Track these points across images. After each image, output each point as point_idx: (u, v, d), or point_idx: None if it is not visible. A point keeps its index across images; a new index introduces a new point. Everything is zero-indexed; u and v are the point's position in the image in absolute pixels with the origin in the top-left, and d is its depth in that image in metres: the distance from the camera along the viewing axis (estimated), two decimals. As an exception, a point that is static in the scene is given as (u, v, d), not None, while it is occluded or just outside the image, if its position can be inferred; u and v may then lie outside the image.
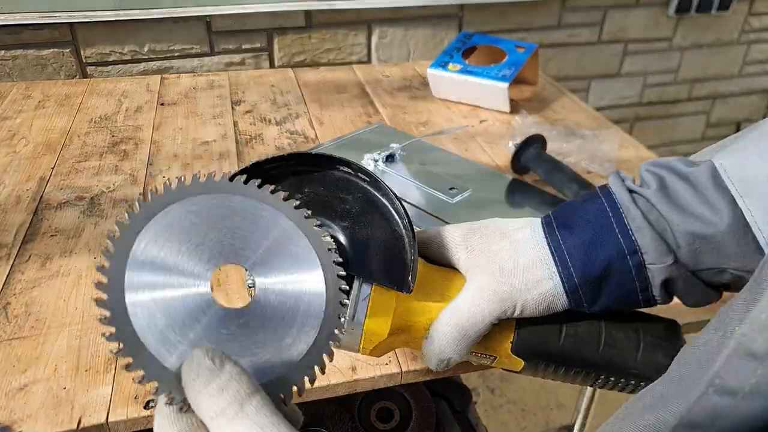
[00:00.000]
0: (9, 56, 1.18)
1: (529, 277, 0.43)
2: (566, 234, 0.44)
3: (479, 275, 0.44)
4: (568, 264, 0.43)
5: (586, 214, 0.44)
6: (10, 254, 0.70)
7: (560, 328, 0.45)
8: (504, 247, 0.45)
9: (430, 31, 1.43)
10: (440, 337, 0.43)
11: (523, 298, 0.43)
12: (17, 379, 0.54)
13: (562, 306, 0.44)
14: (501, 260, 0.44)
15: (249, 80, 1.23)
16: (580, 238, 0.43)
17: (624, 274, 0.43)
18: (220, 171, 0.89)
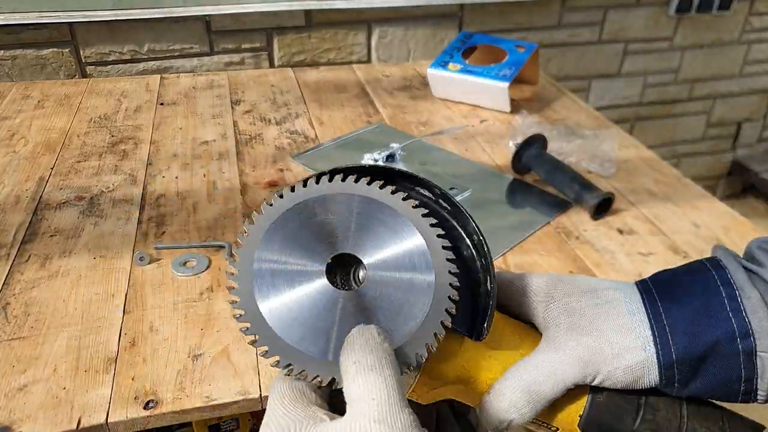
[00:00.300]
0: (8, 56, 1.18)
1: (620, 343, 0.38)
2: (668, 304, 0.39)
3: (560, 334, 0.39)
4: (668, 336, 0.38)
5: (694, 286, 0.39)
6: (10, 254, 0.70)
7: (638, 409, 0.40)
8: (592, 305, 0.40)
9: (430, 30, 1.43)
10: (506, 396, 0.38)
11: (609, 366, 0.38)
12: (17, 379, 0.54)
13: (650, 382, 0.39)
14: (588, 320, 0.39)
15: (249, 80, 1.23)
16: (686, 311, 0.38)
17: (730, 359, 0.37)
18: (219, 170, 0.89)
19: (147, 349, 0.58)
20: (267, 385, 0.54)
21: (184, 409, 0.52)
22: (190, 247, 0.72)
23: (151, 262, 0.69)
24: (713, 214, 0.85)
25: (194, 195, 0.83)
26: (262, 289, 0.34)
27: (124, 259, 0.70)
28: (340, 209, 0.36)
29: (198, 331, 0.60)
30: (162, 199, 0.82)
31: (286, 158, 0.94)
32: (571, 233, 0.80)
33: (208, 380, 0.55)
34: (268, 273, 0.34)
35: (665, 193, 0.90)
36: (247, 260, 0.34)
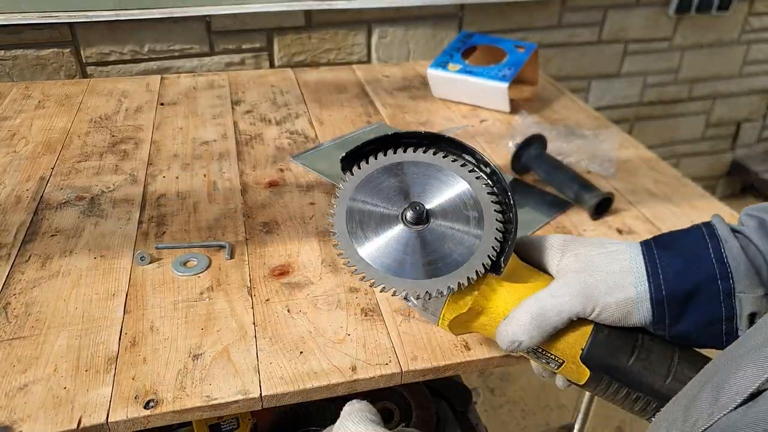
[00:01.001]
0: (9, 56, 1.18)
1: (615, 280, 0.45)
2: (662, 251, 0.46)
3: (568, 274, 0.46)
4: (659, 275, 0.44)
5: (685, 238, 0.46)
6: (10, 254, 0.70)
7: (633, 347, 0.45)
8: (598, 253, 0.47)
9: (430, 31, 1.43)
10: (517, 319, 0.45)
11: (605, 300, 0.44)
12: (17, 379, 0.54)
13: (642, 318, 0.45)
14: (592, 262, 0.46)
15: (249, 80, 1.23)
16: (675, 256, 0.45)
17: (712, 298, 0.43)
18: (219, 170, 0.89)
19: (147, 349, 0.58)
20: (267, 385, 0.54)
21: (185, 409, 0.52)
22: (191, 247, 0.72)
23: (151, 262, 0.69)
24: (712, 213, 0.85)
25: (195, 195, 0.83)
26: (356, 231, 0.47)
27: (125, 259, 0.70)
28: (410, 171, 0.48)
29: (198, 330, 0.60)
30: (162, 199, 0.82)
31: (286, 158, 0.94)
32: (571, 233, 0.80)
33: (209, 380, 0.55)
34: (358, 211, 0.48)
35: (665, 193, 0.90)
36: (343, 203, 0.48)
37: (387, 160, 0.49)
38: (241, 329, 0.60)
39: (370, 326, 0.61)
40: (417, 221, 0.46)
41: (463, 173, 0.48)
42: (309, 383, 0.55)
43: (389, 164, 0.48)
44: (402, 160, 0.48)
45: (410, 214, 0.46)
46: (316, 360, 0.57)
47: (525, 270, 0.49)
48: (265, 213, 0.80)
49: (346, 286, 0.67)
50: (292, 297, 0.65)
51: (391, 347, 0.59)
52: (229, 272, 0.68)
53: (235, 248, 0.72)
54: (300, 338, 0.60)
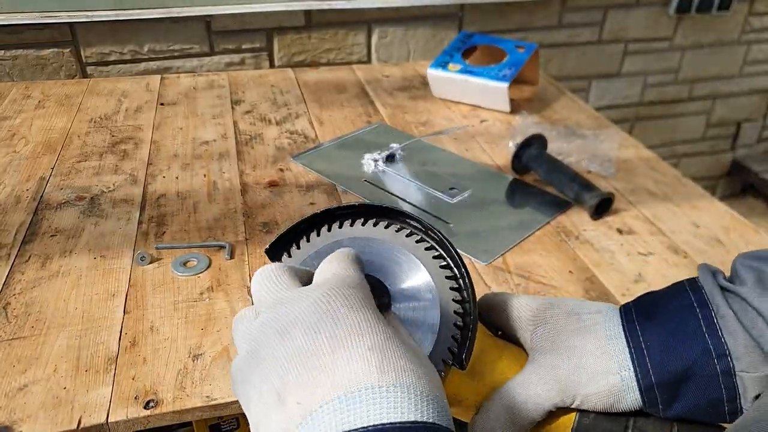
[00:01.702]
0: (9, 56, 1.18)
1: (594, 367, 0.39)
2: (645, 324, 0.39)
3: (542, 357, 0.40)
4: (645, 358, 0.38)
5: (670, 305, 0.40)
6: (10, 254, 0.70)
7: (625, 427, 0.40)
8: (573, 329, 0.40)
9: (430, 31, 1.43)
10: (492, 413, 0.39)
11: (585, 390, 0.39)
12: (17, 379, 0.54)
13: (631, 405, 0.39)
14: (567, 344, 0.40)
15: (249, 80, 1.23)
16: (661, 331, 0.39)
17: (708, 379, 0.37)
18: (219, 170, 0.89)
19: (147, 349, 0.58)
20: (267, 385, 0.54)
21: (185, 409, 0.52)
22: (191, 247, 0.72)
23: (151, 262, 0.69)
24: (713, 214, 0.86)
25: (195, 195, 0.83)
26: None
27: (125, 259, 0.70)
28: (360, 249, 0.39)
29: (198, 330, 0.60)
30: (162, 199, 0.82)
31: (287, 158, 0.94)
32: (571, 233, 0.80)
33: (209, 380, 0.55)
34: None
35: (665, 193, 0.90)
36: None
37: (321, 240, 0.40)
38: (241, 329, 0.60)
39: (370, 326, 0.61)
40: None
41: (410, 246, 0.39)
42: (309, 383, 0.55)
43: (324, 246, 0.40)
44: (339, 238, 0.40)
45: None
46: (316, 360, 0.57)
47: (493, 346, 0.42)
48: (265, 213, 0.80)
49: (346, 286, 0.67)
50: (292, 297, 0.65)
51: (391, 347, 0.59)
52: (229, 272, 0.68)
53: (235, 248, 0.72)
54: (300, 338, 0.60)
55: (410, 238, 0.39)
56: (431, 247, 0.40)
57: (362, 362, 0.27)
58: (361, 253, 0.37)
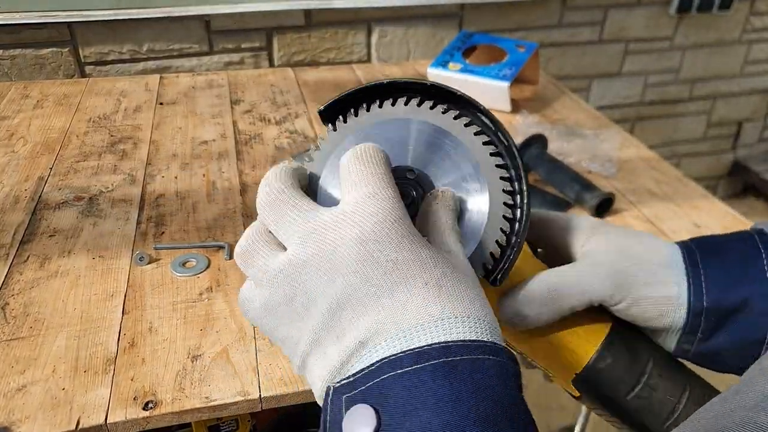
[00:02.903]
0: (7, 56, 1.18)
1: (656, 272, 0.38)
2: (706, 256, 0.39)
3: (599, 252, 0.39)
4: (702, 282, 0.38)
5: (734, 244, 0.40)
6: (9, 254, 0.70)
7: (637, 381, 0.39)
8: (635, 241, 0.40)
9: (430, 30, 1.43)
10: (529, 290, 0.37)
11: (641, 292, 0.38)
12: (16, 379, 0.54)
13: (673, 323, 0.38)
14: (628, 247, 0.39)
15: (248, 80, 1.23)
16: (723, 261, 0.38)
17: (759, 317, 0.37)
18: (218, 170, 0.89)
19: (146, 350, 0.57)
20: (266, 386, 0.54)
21: (184, 410, 0.52)
22: (190, 247, 0.71)
23: (150, 263, 0.69)
24: (713, 214, 0.85)
25: (194, 195, 0.83)
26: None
27: (124, 259, 0.69)
28: (404, 131, 0.36)
29: (197, 331, 0.60)
30: (161, 199, 0.82)
31: (286, 158, 0.93)
32: (572, 233, 0.80)
33: (208, 381, 0.54)
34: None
35: (666, 193, 0.90)
36: (322, 162, 0.36)
37: (383, 114, 0.37)
38: (241, 330, 0.60)
39: (370, 327, 0.61)
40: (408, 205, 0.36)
41: (477, 146, 0.36)
42: (308, 385, 0.54)
43: (385, 121, 0.36)
44: (404, 117, 0.36)
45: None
46: (316, 361, 0.57)
47: (529, 263, 0.40)
48: (264, 213, 0.79)
49: (346, 286, 0.67)
50: (292, 297, 0.65)
51: (391, 348, 0.59)
52: (229, 273, 0.68)
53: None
54: (300, 339, 0.59)
55: (478, 137, 0.35)
56: (497, 153, 0.36)
57: (420, 299, 0.28)
58: (422, 143, 0.36)
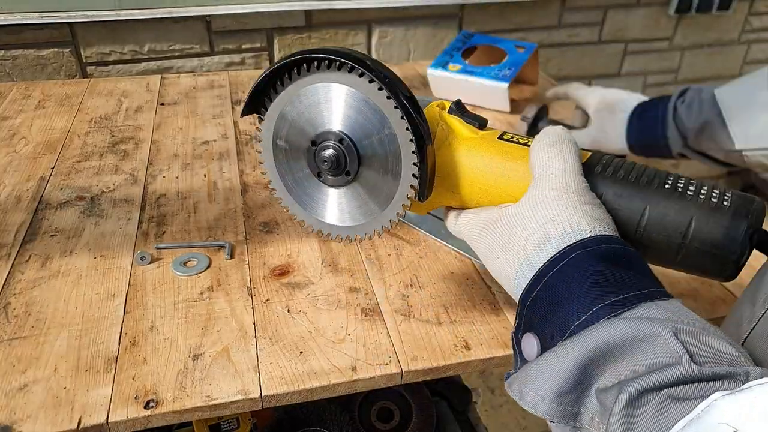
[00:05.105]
0: (9, 56, 1.19)
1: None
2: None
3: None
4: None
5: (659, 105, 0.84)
6: (11, 254, 0.70)
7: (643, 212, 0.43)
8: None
9: (430, 30, 1.43)
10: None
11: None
12: (17, 378, 0.54)
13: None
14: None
15: (249, 80, 1.23)
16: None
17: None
18: (219, 170, 0.89)
19: (147, 349, 0.58)
20: (267, 385, 0.54)
21: (185, 409, 0.52)
22: (191, 247, 0.72)
23: (151, 262, 0.69)
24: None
25: (195, 195, 0.83)
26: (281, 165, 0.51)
27: (125, 259, 0.70)
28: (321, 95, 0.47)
29: (198, 330, 0.60)
30: (162, 199, 0.82)
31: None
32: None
33: (209, 380, 0.55)
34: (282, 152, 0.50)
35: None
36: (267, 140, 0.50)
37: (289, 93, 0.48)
38: (241, 329, 0.60)
39: (370, 326, 0.61)
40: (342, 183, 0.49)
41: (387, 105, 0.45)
42: (309, 383, 0.55)
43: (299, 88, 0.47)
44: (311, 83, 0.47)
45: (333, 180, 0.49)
46: (316, 360, 0.57)
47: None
48: (265, 213, 0.80)
49: (346, 286, 0.67)
50: (292, 297, 0.65)
51: (391, 347, 0.59)
52: (229, 272, 0.68)
53: (235, 248, 0.72)
54: (300, 338, 0.60)
55: (371, 84, 0.45)
56: (381, 88, 0.44)
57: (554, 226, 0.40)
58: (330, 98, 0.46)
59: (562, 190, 0.40)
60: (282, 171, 0.52)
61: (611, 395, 0.32)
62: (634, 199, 0.43)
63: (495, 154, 0.48)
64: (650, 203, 0.42)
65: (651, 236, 0.42)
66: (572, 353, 0.34)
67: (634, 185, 0.43)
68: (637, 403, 0.30)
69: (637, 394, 0.31)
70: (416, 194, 0.47)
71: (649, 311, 0.35)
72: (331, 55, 0.45)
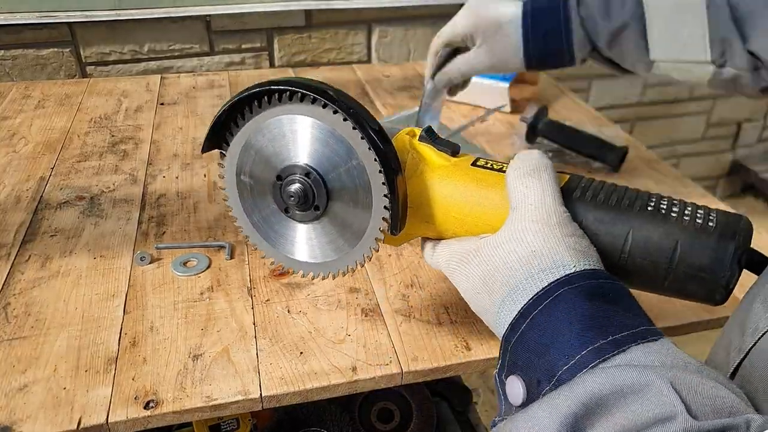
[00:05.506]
0: (9, 56, 1.18)
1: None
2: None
3: None
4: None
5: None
6: (10, 254, 0.70)
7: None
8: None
9: (431, 30, 1.43)
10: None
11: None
12: (17, 379, 0.54)
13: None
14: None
15: (249, 80, 1.23)
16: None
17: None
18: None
19: (147, 349, 0.58)
20: (267, 385, 0.54)
21: (185, 409, 0.52)
22: (191, 247, 0.72)
23: (151, 262, 0.69)
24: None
25: (195, 195, 0.83)
26: (246, 201, 0.49)
27: (125, 259, 0.70)
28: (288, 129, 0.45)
29: (198, 330, 0.60)
30: (162, 199, 0.82)
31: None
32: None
33: (209, 380, 0.55)
34: (247, 188, 0.49)
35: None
36: (231, 175, 0.49)
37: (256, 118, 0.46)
38: (241, 329, 0.60)
39: (370, 326, 0.61)
40: (311, 219, 0.48)
41: (347, 129, 0.44)
42: (309, 384, 0.55)
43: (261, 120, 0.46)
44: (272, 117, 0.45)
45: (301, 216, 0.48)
46: (316, 360, 0.57)
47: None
48: (265, 213, 0.80)
49: (346, 286, 0.67)
50: (292, 297, 0.65)
51: (391, 348, 0.59)
52: (229, 272, 0.68)
53: (235, 248, 0.72)
54: (300, 338, 0.60)
55: (336, 115, 0.44)
56: (346, 119, 0.44)
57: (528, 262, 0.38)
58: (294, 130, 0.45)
59: (543, 222, 0.39)
60: (248, 208, 0.50)
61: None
62: (616, 224, 0.41)
63: (469, 182, 0.45)
64: (633, 227, 0.41)
65: (636, 261, 0.41)
66: (561, 406, 0.31)
67: (615, 209, 0.41)
68: None
69: None
70: (389, 227, 0.45)
71: (640, 356, 0.33)
72: (293, 87, 0.43)
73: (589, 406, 0.30)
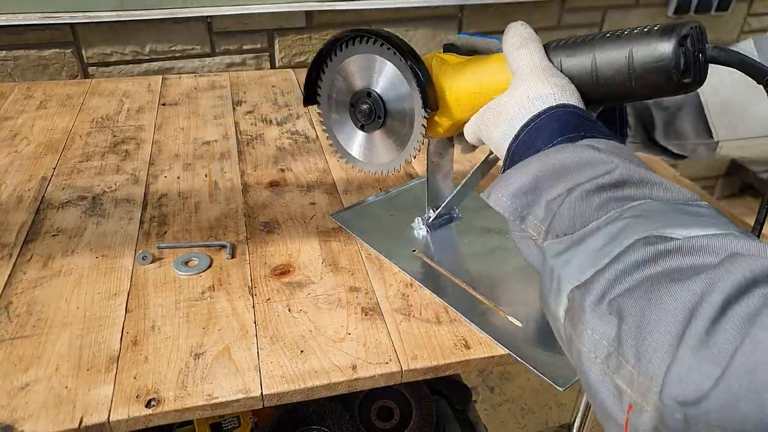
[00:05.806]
0: (11, 56, 1.19)
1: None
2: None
3: None
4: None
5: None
6: (12, 254, 0.70)
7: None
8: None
9: (430, 31, 1.44)
10: None
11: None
12: (19, 378, 0.54)
13: None
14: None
15: (250, 81, 1.24)
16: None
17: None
18: (221, 170, 0.89)
19: (149, 348, 0.58)
20: (268, 384, 0.55)
21: (186, 408, 0.53)
22: (192, 247, 0.72)
23: (153, 262, 0.69)
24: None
25: (196, 195, 0.83)
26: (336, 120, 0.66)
27: (126, 259, 0.70)
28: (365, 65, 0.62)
29: (200, 329, 0.60)
30: (164, 199, 0.82)
31: (287, 158, 0.94)
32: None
33: (210, 378, 0.55)
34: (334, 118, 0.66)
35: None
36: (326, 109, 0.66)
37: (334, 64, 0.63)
38: (242, 328, 0.61)
39: (370, 325, 0.62)
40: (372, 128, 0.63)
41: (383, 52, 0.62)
42: (309, 382, 0.55)
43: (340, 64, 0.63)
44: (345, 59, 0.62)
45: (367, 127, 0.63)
46: (317, 359, 0.57)
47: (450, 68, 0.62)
48: (266, 213, 0.80)
49: (346, 285, 0.67)
50: (293, 296, 0.65)
51: (391, 346, 0.59)
52: (231, 272, 0.69)
53: (237, 248, 0.72)
54: (301, 337, 0.60)
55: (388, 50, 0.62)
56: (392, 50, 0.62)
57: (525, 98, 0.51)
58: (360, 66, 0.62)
59: (534, 74, 0.51)
60: (335, 125, 0.66)
61: (558, 200, 0.43)
62: (582, 53, 0.51)
63: (476, 62, 0.58)
64: (595, 51, 0.50)
65: (605, 76, 0.50)
66: (532, 165, 0.45)
67: (580, 44, 0.52)
68: (581, 201, 0.41)
69: (582, 196, 0.41)
70: (423, 106, 0.59)
71: (602, 143, 0.44)
72: (364, 34, 0.60)
73: (552, 170, 0.44)
